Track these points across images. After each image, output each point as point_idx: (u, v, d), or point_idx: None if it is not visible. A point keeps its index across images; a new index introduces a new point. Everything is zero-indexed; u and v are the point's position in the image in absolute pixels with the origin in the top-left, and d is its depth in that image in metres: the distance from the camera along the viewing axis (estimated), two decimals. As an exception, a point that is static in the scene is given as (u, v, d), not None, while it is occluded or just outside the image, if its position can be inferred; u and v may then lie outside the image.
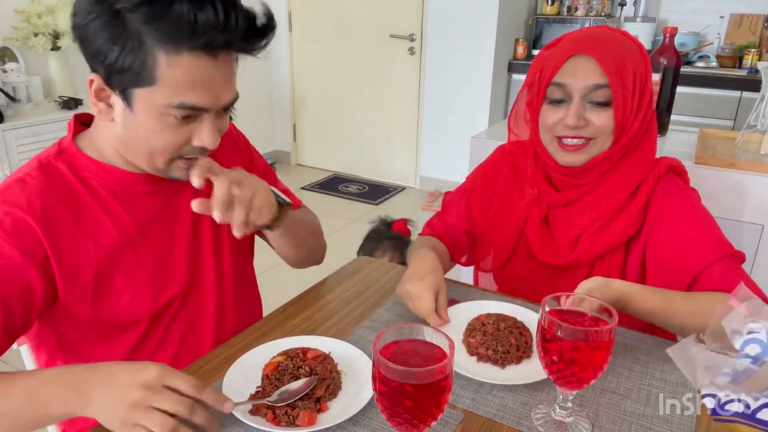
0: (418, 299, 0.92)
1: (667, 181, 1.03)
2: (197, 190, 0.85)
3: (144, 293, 0.90)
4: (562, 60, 0.97)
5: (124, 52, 0.72)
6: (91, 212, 0.85)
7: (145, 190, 0.90)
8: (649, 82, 0.99)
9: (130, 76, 0.74)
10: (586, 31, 1.01)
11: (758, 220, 1.48)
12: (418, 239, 1.19)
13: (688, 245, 0.96)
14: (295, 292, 1.09)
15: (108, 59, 0.73)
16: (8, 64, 2.79)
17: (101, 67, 0.75)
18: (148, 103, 0.76)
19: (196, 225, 0.96)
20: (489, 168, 1.21)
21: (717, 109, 3.09)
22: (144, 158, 0.82)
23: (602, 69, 0.94)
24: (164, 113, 0.76)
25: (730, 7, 3.44)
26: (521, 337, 0.88)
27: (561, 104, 0.99)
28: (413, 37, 3.83)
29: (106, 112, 0.79)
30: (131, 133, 0.80)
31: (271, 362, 0.81)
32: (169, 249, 0.93)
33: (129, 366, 0.70)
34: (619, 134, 0.98)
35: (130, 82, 0.74)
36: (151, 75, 0.73)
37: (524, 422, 0.76)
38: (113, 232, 0.87)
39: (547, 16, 3.79)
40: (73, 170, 0.85)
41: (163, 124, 0.77)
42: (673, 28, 1.64)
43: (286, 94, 4.48)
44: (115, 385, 0.68)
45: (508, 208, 1.14)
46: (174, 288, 0.94)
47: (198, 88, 0.75)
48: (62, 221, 0.82)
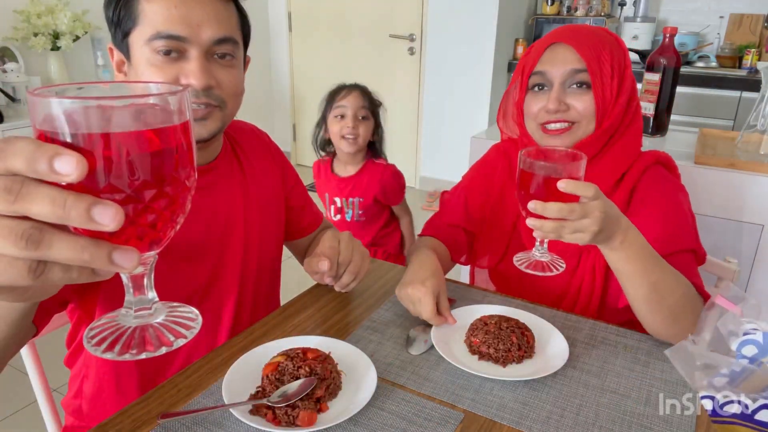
0: (419, 303, 0.92)
1: (653, 171, 1.05)
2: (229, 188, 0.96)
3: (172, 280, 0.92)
4: (541, 50, 1.03)
5: (118, 6, 0.80)
6: None
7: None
8: (629, 69, 1.03)
9: (123, 25, 0.80)
10: (565, 26, 1.06)
11: (758, 220, 1.48)
12: (418, 240, 1.19)
13: (658, 229, 0.97)
14: (295, 292, 1.09)
15: (112, 19, 0.80)
16: (8, 64, 2.80)
17: (112, 32, 0.81)
18: (137, 47, 0.80)
19: (229, 224, 0.99)
20: (485, 166, 1.22)
21: (717, 109, 3.09)
22: None
23: (579, 54, 0.99)
24: (151, 53, 0.80)
25: (730, 7, 3.45)
26: (523, 336, 0.88)
27: (543, 91, 1.03)
28: (413, 37, 3.83)
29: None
30: None
31: (271, 362, 0.81)
32: (198, 243, 0.95)
33: None
34: (601, 118, 1.01)
35: (125, 33, 0.80)
36: (135, 15, 0.79)
37: (524, 422, 0.76)
38: None
39: (547, 16, 3.79)
40: None
41: (153, 66, 0.80)
42: (673, 28, 1.65)
43: (286, 94, 4.48)
44: None
45: (504, 206, 1.15)
46: (200, 279, 0.96)
47: (174, 18, 0.79)
48: None
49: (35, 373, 1.04)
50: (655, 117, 1.69)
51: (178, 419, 0.74)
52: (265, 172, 1.07)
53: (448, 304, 0.95)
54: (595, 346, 0.92)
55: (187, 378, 0.84)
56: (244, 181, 1.02)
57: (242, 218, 1.00)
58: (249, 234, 1.02)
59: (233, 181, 1.01)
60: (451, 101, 3.84)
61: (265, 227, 1.05)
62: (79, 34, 2.96)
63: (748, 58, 3.23)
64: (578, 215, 0.76)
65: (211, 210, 0.96)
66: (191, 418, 0.74)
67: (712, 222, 1.49)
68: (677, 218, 1.01)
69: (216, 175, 0.98)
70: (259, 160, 1.06)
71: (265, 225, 1.05)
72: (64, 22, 2.85)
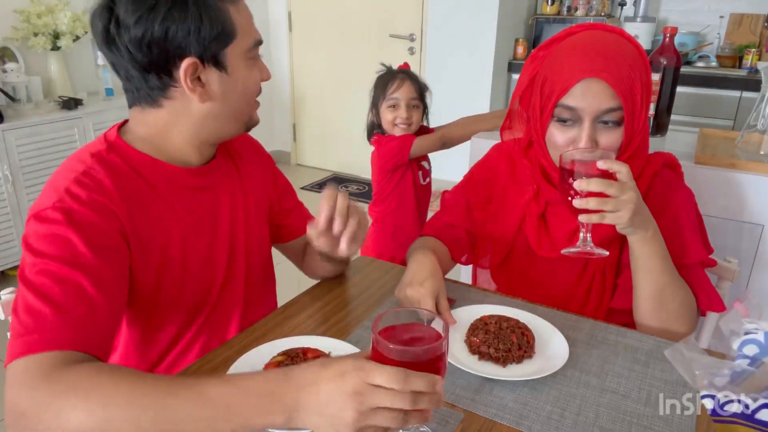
0: (418, 304, 0.92)
1: (664, 176, 1.05)
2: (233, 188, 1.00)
3: (191, 282, 0.94)
4: (572, 82, 0.94)
5: (205, 21, 0.81)
6: (150, 201, 0.88)
7: (194, 185, 0.94)
8: (651, 87, 1.00)
9: (219, 39, 0.83)
10: (590, 45, 0.97)
11: (758, 220, 1.48)
12: (417, 240, 1.19)
13: (675, 240, 0.99)
14: (295, 292, 1.09)
15: (200, 35, 0.81)
16: (8, 64, 2.79)
17: (194, 48, 0.82)
18: (237, 55, 0.86)
19: (234, 221, 1.01)
20: (486, 166, 1.22)
21: (717, 109, 3.09)
22: (238, 114, 0.92)
23: (615, 92, 0.93)
24: (247, 57, 0.88)
25: (730, 6, 3.44)
26: (523, 336, 0.88)
27: (570, 125, 0.98)
28: (413, 37, 3.83)
29: (202, 94, 0.85)
30: (229, 96, 0.88)
31: (271, 362, 0.81)
32: (212, 242, 0.97)
33: (326, 372, 0.61)
34: (626, 148, 0.99)
35: (220, 45, 0.84)
36: (232, 28, 0.84)
37: (524, 422, 0.76)
38: (169, 221, 0.90)
39: (547, 16, 3.79)
40: (127, 162, 0.87)
41: (250, 68, 0.90)
42: (673, 28, 1.64)
43: (286, 94, 4.47)
44: (326, 404, 0.60)
45: (506, 206, 1.15)
46: (218, 277, 0.99)
47: (252, 25, 0.89)
48: (132, 205, 0.85)
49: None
50: (656, 117, 1.69)
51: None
52: (257, 173, 1.08)
53: (448, 305, 0.95)
54: (595, 346, 0.92)
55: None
56: (240, 182, 1.03)
57: (243, 214, 1.02)
58: (249, 228, 1.04)
59: (232, 181, 1.02)
60: (450, 101, 3.83)
61: (257, 227, 1.07)
62: (79, 34, 2.96)
63: (748, 58, 3.23)
64: (617, 190, 0.85)
65: (218, 209, 0.98)
66: (191, 418, 0.74)
67: (712, 222, 1.49)
68: (690, 230, 1.03)
69: (217, 176, 0.99)
70: (252, 163, 1.08)
71: (258, 225, 1.07)
72: (64, 22, 2.85)
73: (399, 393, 0.58)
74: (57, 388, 0.63)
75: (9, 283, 2.58)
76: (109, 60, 0.85)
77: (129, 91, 0.88)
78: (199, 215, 0.95)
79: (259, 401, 0.62)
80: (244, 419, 0.61)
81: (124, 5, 0.79)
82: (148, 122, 0.89)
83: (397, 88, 1.86)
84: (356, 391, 0.58)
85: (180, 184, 0.92)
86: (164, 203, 0.89)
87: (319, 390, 0.60)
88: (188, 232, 0.93)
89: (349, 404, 0.58)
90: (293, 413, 0.61)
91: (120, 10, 0.79)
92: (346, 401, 0.58)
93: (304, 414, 0.61)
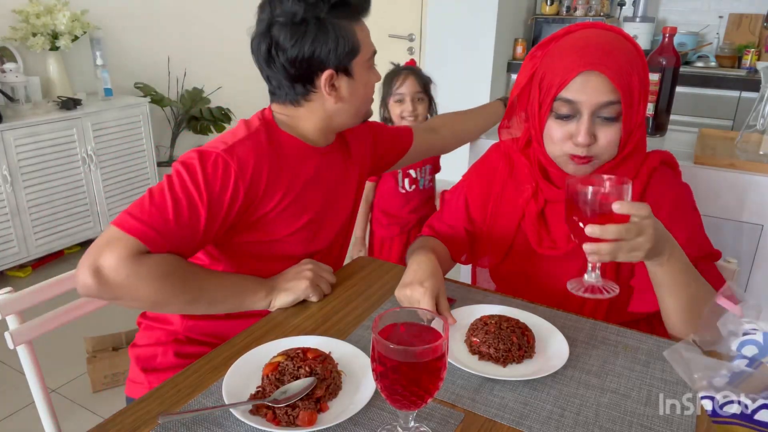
0: (418, 304, 0.92)
1: (661, 173, 1.05)
2: (346, 161, 1.20)
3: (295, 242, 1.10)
4: (571, 75, 0.95)
5: (340, 41, 1.01)
6: (278, 167, 1.04)
7: (318, 161, 1.11)
8: (648, 84, 1.00)
9: (349, 54, 1.04)
10: (588, 40, 0.98)
11: (758, 220, 1.48)
12: (417, 240, 1.19)
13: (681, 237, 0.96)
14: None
15: (337, 52, 1.02)
16: (7, 64, 2.79)
17: (331, 62, 1.02)
18: (360, 64, 1.06)
19: (345, 195, 1.21)
20: (485, 166, 1.22)
21: (716, 109, 3.09)
22: (360, 110, 1.12)
23: (614, 85, 0.93)
24: (367, 66, 1.09)
25: (729, 7, 3.45)
26: (523, 336, 0.88)
27: (569, 120, 0.98)
28: (412, 37, 3.83)
29: (336, 97, 1.06)
30: (354, 97, 1.08)
31: (271, 362, 0.81)
32: (322, 211, 1.13)
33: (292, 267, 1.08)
34: (624, 144, 0.99)
35: (349, 58, 1.04)
36: (357, 44, 1.04)
37: (524, 422, 0.76)
38: (284, 186, 1.05)
39: (547, 16, 3.80)
40: (269, 137, 1.06)
41: (368, 74, 1.10)
42: (672, 28, 1.64)
43: (285, 94, 4.48)
44: (291, 274, 1.06)
45: (505, 205, 1.15)
46: (320, 244, 1.15)
47: (370, 39, 1.09)
48: (260, 171, 1.01)
49: (33, 374, 1.04)
50: (655, 117, 1.69)
51: (178, 419, 0.74)
52: (362, 150, 1.26)
53: (448, 305, 0.95)
54: (595, 346, 0.92)
55: (187, 378, 0.84)
56: (350, 160, 1.21)
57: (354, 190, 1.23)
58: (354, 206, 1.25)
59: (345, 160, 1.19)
60: (450, 101, 3.83)
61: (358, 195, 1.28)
62: (77, 34, 2.96)
63: (748, 58, 3.23)
64: (634, 234, 0.79)
65: (335, 180, 1.16)
66: (191, 418, 0.75)
67: (712, 222, 1.49)
68: (694, 224, 1.03)
69: (336, 155, 1.16)
70: (357, 140, 1.24)
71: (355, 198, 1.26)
72: (62, 22, 2.85)
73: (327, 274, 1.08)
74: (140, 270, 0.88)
75: (9, 283, 2.58)
76: (265, 74, 1.07)
77: (275, 94, 1.09)
78: (312, 182, 1.10)
79: (252, 284, 1.03)
80: (243, 296, 1.02)
81: (282, 32, 0.99)
82: (288, 113, 1.10)
83: (402, 83, 1.95)
84: (310, 269, 1.06)
85: (304, 155, 1.09)
86: (285, 167, 1.06)
87: (287, 273, 1.07)
88: (298, 192, 1.08)
89: (304, 272, 1.05)
90: (270, 288, 1.04)
91: (279, 37, 1.00)
92: (303, 271, 1.05)
93: (277, 286, 1.04)
